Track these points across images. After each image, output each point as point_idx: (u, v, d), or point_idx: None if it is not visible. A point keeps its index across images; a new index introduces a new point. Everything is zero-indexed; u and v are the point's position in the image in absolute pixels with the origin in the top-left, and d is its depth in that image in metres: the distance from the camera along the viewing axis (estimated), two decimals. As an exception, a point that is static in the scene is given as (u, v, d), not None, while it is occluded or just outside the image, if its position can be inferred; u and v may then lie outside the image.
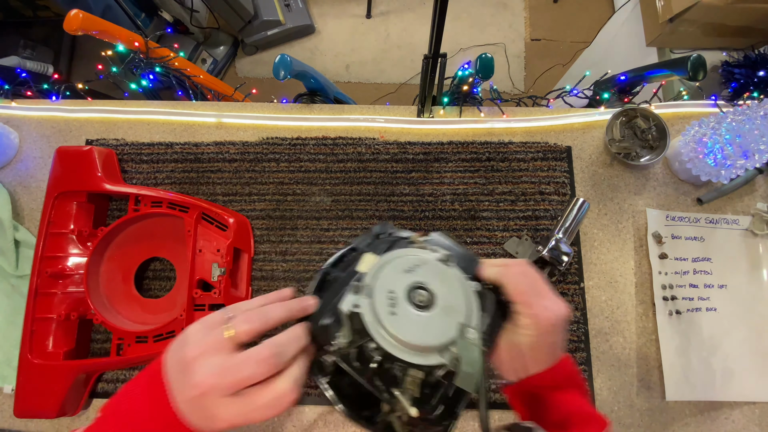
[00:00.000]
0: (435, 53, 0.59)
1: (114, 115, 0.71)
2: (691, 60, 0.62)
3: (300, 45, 1.81)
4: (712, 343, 0.61)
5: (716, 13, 1.00)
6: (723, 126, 0.58)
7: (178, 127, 0.71)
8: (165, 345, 0.57)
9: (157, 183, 0.68)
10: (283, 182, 0.68)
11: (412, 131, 0.70)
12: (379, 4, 1.84)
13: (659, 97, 0.75)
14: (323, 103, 0.75)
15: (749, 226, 0.65)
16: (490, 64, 0.65)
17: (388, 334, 0.29)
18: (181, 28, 1.66)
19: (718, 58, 0.83)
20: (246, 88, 0.85)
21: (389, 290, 0.31)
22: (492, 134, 0.69)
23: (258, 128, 0.71)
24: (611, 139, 0.66)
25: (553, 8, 1.83)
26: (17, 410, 0.57)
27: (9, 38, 1.52)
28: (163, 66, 0.79)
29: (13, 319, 0.63)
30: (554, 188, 0.66)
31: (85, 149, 0.64)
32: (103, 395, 0.61)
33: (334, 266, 0.37)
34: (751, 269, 0.64)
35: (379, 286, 0.31)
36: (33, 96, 0.75)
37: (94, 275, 0.61)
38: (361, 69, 1.78)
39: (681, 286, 0.63)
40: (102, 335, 0.64)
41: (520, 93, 1.72)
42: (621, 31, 1.30)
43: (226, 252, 0.60)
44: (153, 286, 0.66)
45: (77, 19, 0.70)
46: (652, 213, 0.65)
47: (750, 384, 0.60)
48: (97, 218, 0.65)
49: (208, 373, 0.29)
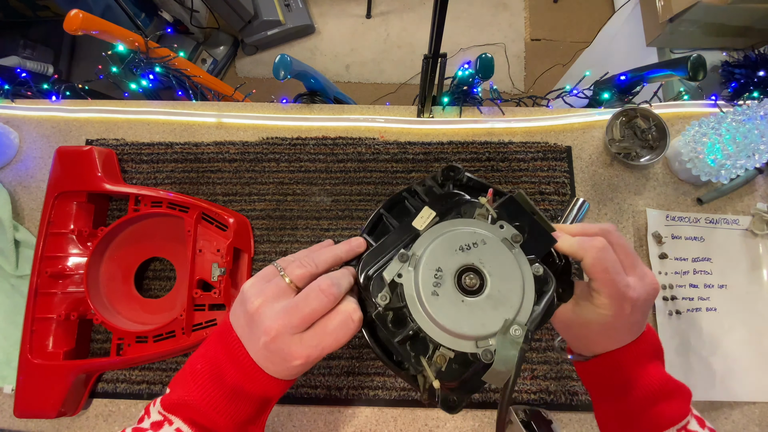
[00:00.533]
0: (435, 53, 0.59)
1: (114, 115, 0.71)
2: (691, 60, 0.62)
3: (300, 45, 1.81)
4: (712, 343, 0.61)
5: (716, 13, 1.00)
6: (723, 126, 0.58)
7: (178, 127, 0.71)
8: (165, 345, 0.58)
9: (157, 183, 0.68)
10: (283, 182, 0.68)
11: (412, 131, 0.70)
12: (379, 4, 1.84)
13: (659, 97, 0.75)
14: (323, 103, 0.75)
15: (749, 226, 0.65)
16: (490, 64, 0.65)
17: (425, 312, 0.28)
18: (181, 28, 1.66)
19: (718, 58, 0.83)
20: (246, 88, 0.85)
21: (437, 267, 0.29)
22: (492, 134, 0.69)
23: (258, 128, 0.71)
24: (611, 139, 0.66)
25: (553, 8, 1.83)
26: (17, 410, 0.57)
27: (9, 38, 1.52)
28: (163, 66, 0.79)
29: (13, 319, 0.63)
30: (554, 188, 0.66)
31: (85, 149, 0.64)
32: (103, 395, 0.61)
33: (390, 210, 0.35)
34: (751, 269, 0.64)
35: (427, 261, 0.29)
36: (33, 96, 0.75)
37: (94, 275, 0.61)
38: (361, 69, 1.78)
39: (681, 286, 0.63)
40: (102, 335, 0.64)
41: (520, 93, 1.72)
42: (621, 31, 1.30)
43: (226, 252, 0.60)
44: (153, 286, 0.66)
45: (77, 19, 0.70)
46: (652, 213, 0.65)
47: (750, 384, 0.60)
48: (97, 218, 0.65)
49: (275, 317, 0.30)
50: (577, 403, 0.58)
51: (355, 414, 0.59)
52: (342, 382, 0.60)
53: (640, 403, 0.33)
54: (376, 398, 0.59)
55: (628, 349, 0.34)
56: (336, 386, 0.60)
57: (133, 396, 0.61)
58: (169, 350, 0.58)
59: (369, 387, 0.60)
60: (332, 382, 0.60)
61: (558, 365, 0.59)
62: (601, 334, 0.34)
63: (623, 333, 0.33)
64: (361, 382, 0.60)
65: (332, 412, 0.60)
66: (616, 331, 0.33)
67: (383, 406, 0.59)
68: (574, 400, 0.58)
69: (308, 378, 0.60)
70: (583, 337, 0.35)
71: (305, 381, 0.60)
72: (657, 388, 0.33)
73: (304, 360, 0.30)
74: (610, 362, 0.34)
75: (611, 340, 0.34)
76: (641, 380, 0.34)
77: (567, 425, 0.58)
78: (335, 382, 0.60)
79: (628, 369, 0.34)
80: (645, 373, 0.34)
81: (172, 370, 0.62)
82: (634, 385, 0.34)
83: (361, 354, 0.61)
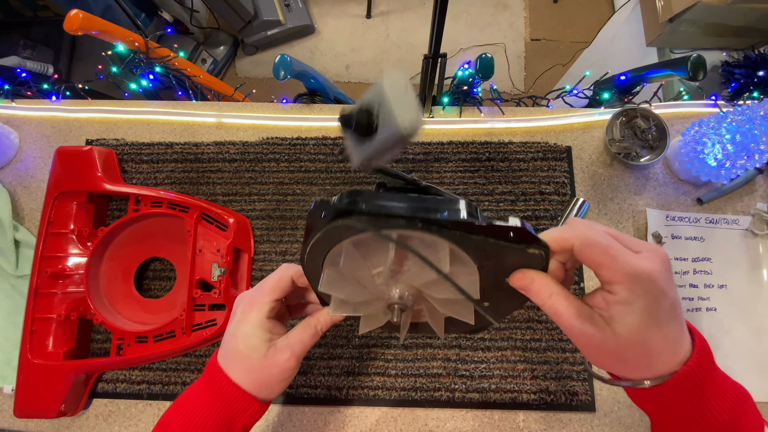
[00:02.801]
0: (435, 53, 0.59)
1: (114, 115, 0.71)
2: (691, 60, 0.62)
3: (300, 45, 1.80)
4: (712, 343, 0.61)
5: (716, 13, 1.00)
6: (723, 126, 0.58)
7: (178, 127, 0.71)
8: (165, 345, 0.58)
9: (157, 183, 0.68)
10: (283, 182, 0.68)
11: (412, 131, 0.70)
12: (379, 4, 1.84)
13: (659, 97, 0.75)
14: (323, 103, 0.75)
15: (749, 226, 0.65)
16: (490, 64, 0.65)
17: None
18: (181, 28, 1.65)
19: (718, 58, 0.83)
20: (246, 88, 0.85)
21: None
22: (492, 134, 0.69)
23: (258, 128, 0.71)
24: (611, 139, 0.66)
25: (553, 8, 1.83)
26: (17, 410, 0.57)
27: (9, 38, 1.52)
28: (163, 66, 0.79)
29: (13, 319, 0.63)
30: (554, 188, 0.66)
31: (85, 149, 0.64)
32: (103, 395, 0.61)
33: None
34: (751, 269, 0.64)
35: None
36: (33, 96, 0.75)
37: (94, 275, 0.62)
38: (361, 69, 1.78)
39: (681, 286, 0.63)
40: (102, 335, 0.64)
41: (520, 93, 1.72)
42: (621, 31, 1.30)
43: (226, 252, 0.60)
44: (153, 286, 0.66)
45: (77, 19, 0.70)
46: (652, 213, 0.65)
47: (750, 384, 0.59)
48: (97, 218, 0.65)
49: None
50: (577, 403, 0.58)
51: (355, 414, 0.59)
52: (342, 382, 0.60)
53: (725, 424, 0.27)
54: (376, 398, 0.59)
55: (692, 366, 0.26)
56: (336, 386, 0.60)
57: (133, 396, 0.61)
58: (169, 350, 0.58)
59: (369, 387, 0.60)
60: (332, 382, 0.60)
61: (558, 365, 0.60)
62: (643, 345, 0.25)
63: (668, 322, 0.26)
64: (361, 382, 0.60)
65: (332, 412, 0.60)
66: (658, 325, 0.25)
67: (383, 406, 0.59)
68: (574, 400, 0.58)
69: (308, 378, 0.60)
70: (629, 359, 0.27)
71: (305, 381, 0.60)
72: (735, 401, 0.28)
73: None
74: (683, 381, 0.26)
75: (664, 341, 0.26)
76: (720, 395, 0.27)
77: (567, 425, 0.58)
78: (335, 382, 0.60)
79: (703, 381, 0.27)
80: (720, 387, 0.28)
81: (172, 370, 0.62)
82: (713, 403, 0.27)
83: (361, 354, 0.61)
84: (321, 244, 0.30)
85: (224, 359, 0.37)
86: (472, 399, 0.59)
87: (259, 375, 0.36)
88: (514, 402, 0.59)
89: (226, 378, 0.36)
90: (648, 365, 0.27)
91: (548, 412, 0.58)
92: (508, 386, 0.59)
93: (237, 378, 0.36)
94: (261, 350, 0.36)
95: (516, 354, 0.60)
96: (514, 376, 0.59)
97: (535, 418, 0.58)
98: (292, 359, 0.36)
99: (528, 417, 0.58)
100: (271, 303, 0.37)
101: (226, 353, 0.37)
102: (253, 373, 0.36)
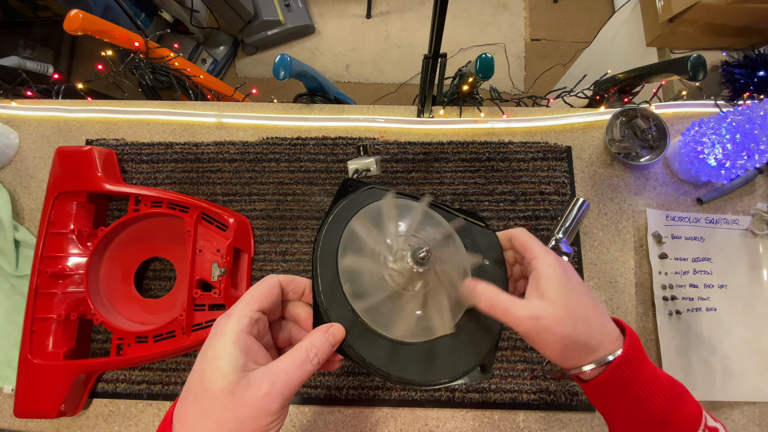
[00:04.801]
0: (435, 53, 0.59)
1: (114, 115, 0.71)
2: (691, 60, 0.62)
3: (300, 45, 1.81)
4: (712, 343, 0.61)
5: (716, 13, 1.00)
6: (723, 126, 0.58)
7: (178, 127, 0.71)
8: (165, 345, 0.58)
9: (157, 183, 0.68)
10: (283, 182, 0.68)
11: (412, 131, 0.70)
12: (379, 4, 1.84)
13: (659, 97, 0.75)
14: (323, 103, 0.75)
15: (749, 226, 0.65)
16: (490, 64, 0.65)
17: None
18: (181, 28, 1.65)
19: (718, 58, 0.83)
20: (246, 88, 0.85)
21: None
22: (492, 134, 0.69)
23: (258, 128, 0.71)
24: (611, 139, 0.66)
25: (553, 8, 1.83)
26: (17, 410, 0.57)
27: (9, 38, 1.52)
28: (163, 66, 0.79)
29: (13, 319, 0.63)
30: (554, 188, 0.66)
31: (85, 149, 0.64)
32: (103, 395, 0.61)
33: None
34: (751, 269, 0.64)
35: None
36: (33, 96, 0.75)
37: (94, 275, 0.61)
38: (361, 69, 1.78)
39: (681, 286, 0.63)
40: (102, 335, 0.64)
41: (520, 93, 1.72)
42: (621, 31, 1.30)
43: (226, 252, 0.60)
44: (153, 286, 0.66)
45: (77, 19, 0.70)
46: (652, 213, 0.65)
47: (750, 384, 0.60)
48: (97, 218, 0.65)
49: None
50: (577, 403, 0.58)
51: (354, 414, 0.59)
52: (342, 382, 0.60)
53: (663, 409, 0.31)
54: (376, 398, 0.59)
55: (630, 348, 0.31)
56: (336, 386, 0.60)
57: (133, 396, 0.61)
58: (169, 350, 0.58)
59: (369, 387, 0.60)
60: (332, 382, 0.60)
61: (557, 365, 0.59)
62: (573, 304, 0.31)
63: (583, 291, 0.32)
64: (361, 382, 0.60)
65: (332, 412, 0.60)
66: (577, 291, 0.32)
67: (383, 406, 0.59)
68: (574, 400, 0.58)
69: (308, 378, 0.60)
70: (568, 336, 0.31)
71: (305, 381, 0.60)
72: (671, 389, 0.31)
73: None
74: (620, 368, 0.31)
75: (588, 309, 0.32)
76: (655, 383, 0.31)
77: (567, 425, 0.58)
78: (335, 382, 0.60)
79: (637, 369, 0.31)
80: (654, 374, 0.32)
81: (172, 370, 0.62)
82: (650, 390, 0.31)
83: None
84: (344, 211, 0.35)
85: (181, 402, 0.27)
86: (472, 399, 0.59)
87: (221, 423, 0.25)
88: (514, 402, 0.59)
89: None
90: (586, 349, 0.31)
91: (548, 412, 0.59)
92: (508, 386, 0.59)
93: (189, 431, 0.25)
94: (228, 379, 0.25)
95: (516, 354, 0.60)
96: (514, 376, 0.60)
97: (535, 418, 0.58)
98: (271, 397, 0.26)
99: (528, 417, 0.59)
100: (253, 313, 0.29)
101: (185, 391, 0.27)
102: (211, 419, 0.25)
